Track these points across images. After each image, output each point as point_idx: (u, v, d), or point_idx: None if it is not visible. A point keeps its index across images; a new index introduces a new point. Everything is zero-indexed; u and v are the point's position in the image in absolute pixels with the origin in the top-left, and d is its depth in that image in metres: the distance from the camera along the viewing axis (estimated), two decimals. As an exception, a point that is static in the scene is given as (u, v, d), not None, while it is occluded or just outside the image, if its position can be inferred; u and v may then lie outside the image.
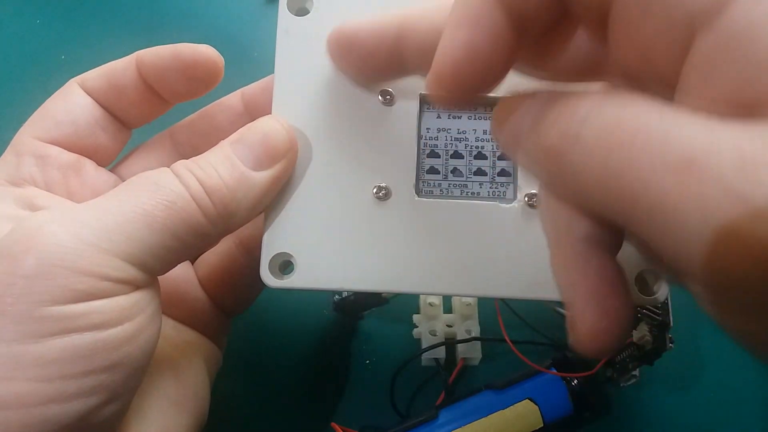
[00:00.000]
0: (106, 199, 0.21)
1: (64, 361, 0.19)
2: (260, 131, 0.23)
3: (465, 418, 0.32)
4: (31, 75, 0.41)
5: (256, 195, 0.23)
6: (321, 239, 0.24)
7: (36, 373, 0.18)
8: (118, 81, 0.26)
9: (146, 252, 0.20)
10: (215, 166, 0.22)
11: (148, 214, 0.20)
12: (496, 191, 0.25)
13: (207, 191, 0.21)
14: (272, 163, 0.23)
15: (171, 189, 0.21)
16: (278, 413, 0.35)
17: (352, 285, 0.24)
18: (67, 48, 0.43)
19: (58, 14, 0.44)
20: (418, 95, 0.25)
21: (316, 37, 0.24)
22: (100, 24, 0.44)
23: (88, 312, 0.19)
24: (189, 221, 0.21)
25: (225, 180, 0.22)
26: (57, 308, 0.19)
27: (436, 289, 0.24)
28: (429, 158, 0.25)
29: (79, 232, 0.19)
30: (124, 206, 0.20)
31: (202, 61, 0.25)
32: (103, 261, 0.19)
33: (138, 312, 0.21)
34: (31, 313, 0.18)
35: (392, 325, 0.37)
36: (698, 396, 0.36)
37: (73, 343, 0.19)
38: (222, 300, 0.29)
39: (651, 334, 0.32)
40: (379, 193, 0.24)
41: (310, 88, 0.24)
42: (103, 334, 0.19)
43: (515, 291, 0.24)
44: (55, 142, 0.26)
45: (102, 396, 0.19)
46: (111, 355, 0.19)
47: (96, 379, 0.19)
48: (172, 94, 0.27)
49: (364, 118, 0.24)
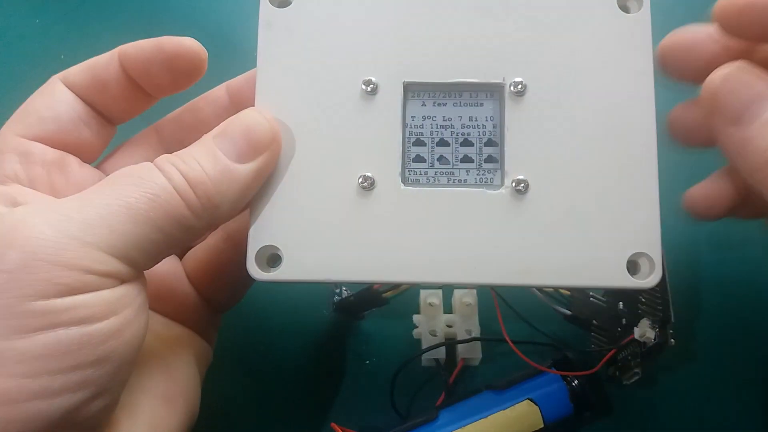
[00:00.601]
0: (89, 193, 0.21)
1: (49, 356, 0.18)
2: (242, 124, 0.23)
3: (465, 419, 0.32)
4: (31, 75, 0.42)
5: (240, 187, 0.23)
6: (307, 231, 0.24)
7: (20, 369, 0.18)
8: (100, 75, 0.26)
9: (130, 245, 0.20)
10: (198, 159, 0.22)
11: (131, 207, 0.20)
12: (483, 178, 0.25)
13: (190, 184, 0.21)
14: (255, 155, 0.23)
15: (154, 182, 0.21)
16: (278, 413, 0.35)
17: (340, 276, 0.24)
18: (66, 48, 0.44)
19: (58, 14, 0.45)
20: (401, 83, 0.25)
21: (299, 28, 0.25)
22: (100, 24, 0.45)
23: (73, 306, 0.19)
24: (173, 214, 0.21)
25: (208, 172, 0.22)
26: (41, 303, 0.18)
27: (424, 277, 0.24)
28: (414, 146, 0.25)
29: (61, 226, 0.19)
30: (107, 199, 0.20)
31: (184, 52, 0.25)
32: (86, 254, 0.19)
33: (124, 306, 0.20)
34: (14, 308, 0.18)
35: (392, 326, 0.37)
36: (699, 392, 0.35)
37: (58, 338, 0.19)
38: (211, 295, 0.29)
39: (653, 331, 0.31)
40: (365, 183, 0.24)
41: (293, 79, 0.25)
42: (89, 328, 0.19)
43: (504, 277, 0.24)
44: (39, 138, 0.25)
45: (88, 391, 0.19)
46: (97, 350, 0.19)
47: (82, 374, 0.19)
48: (156, 87, 0.27)
49: (348, 108, 0.24)
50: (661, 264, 0.23)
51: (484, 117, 0.25)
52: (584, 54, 0.24)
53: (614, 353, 0.34)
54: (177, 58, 0.25)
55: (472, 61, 0.25)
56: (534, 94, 0.24)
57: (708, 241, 0.38)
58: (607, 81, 0.24)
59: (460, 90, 0.25)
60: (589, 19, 0.25)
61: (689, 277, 0.37)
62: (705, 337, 0.36)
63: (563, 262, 0.23)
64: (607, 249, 0.23)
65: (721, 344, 0.36)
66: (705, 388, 0.35)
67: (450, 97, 0.25)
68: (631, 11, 0.25)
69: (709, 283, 0.37)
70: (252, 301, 0.36)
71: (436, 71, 0.25)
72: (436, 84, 0.25)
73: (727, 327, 0.36)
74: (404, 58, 0.25)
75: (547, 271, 0.23)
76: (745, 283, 0.37)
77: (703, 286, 0.37)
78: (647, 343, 0.32)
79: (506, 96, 0.25)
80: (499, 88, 0.25)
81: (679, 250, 0.26)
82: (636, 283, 0.23)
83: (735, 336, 0.36)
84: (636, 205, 0.24)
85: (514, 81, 0.24)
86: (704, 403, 0.35)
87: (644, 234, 0.24)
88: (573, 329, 0.36)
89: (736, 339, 0.36)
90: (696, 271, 0.38)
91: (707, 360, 0.36)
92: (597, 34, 0.25)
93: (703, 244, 0.38)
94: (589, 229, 0.24)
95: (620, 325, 0.34)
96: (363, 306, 0.35)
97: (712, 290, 0.37)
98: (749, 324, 0.36)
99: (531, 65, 0.25)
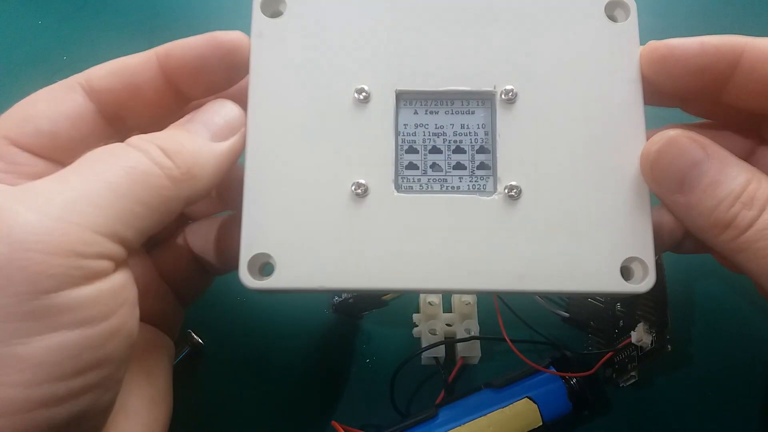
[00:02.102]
0: (65, 173, 0.20)
1: (53, 362, 0.18)
2: (212, 111, 0.24)
3: (464, 417, 0.32)
4: (33, 76, 0.42)
5: (217, 162, 0.23)
6: (301, 238, 0.24)
7: (24, 377, 0.17)
8: (132, 79, 0.24)
9: (116, 221, 0.19)
10: (172, 134, 0.22)
11: (110, 181, 0.19)
12: (476, 184, 0.25)
13: (168, 154, 0.21)
14: (228, 135, 0.24)
15: (130, 156, 0.21)
16: (278, 412, 0.35)
17: (334, 284, 0.24)
18: (69, 49, 0.44)
19: (60, 15, 0.45)
20: (394, 91, 0.25)
21: (291, 37, 0.25)
22: (102, 25, 0.45)
23: (73, 307, 0.18)
24: (154, 186, 0.20)
25: (184, 144, 0.22)
26: (38, 301, 0.17)
27: (417, 285, 0.24)
28: (407, 154, 0.25)
29: (44, 209, 0.18)
30: (85, 177, 0.19)
31: (240, 46, 0.25)
32: (76, 236, 0.18)
33: (120, 305, 0.20)
34: (11, 310, 0.17)
35: (392, 325, 0.37)
36: (696, 395, 0.35)
37: (60, 341, 0.18)
38: (183, 288, 0.29)
39: (649, 335, 0.31)
40: (358, 190, 0.24)
41: (285, 88, 0.25)
42: (90, 331, 0.18)
43: (498, 284, 0.24)
44: (29, 148, 0.23)
45: (92, 395, 0.19)
46: (98, 352, 0.19)
47: (84, 378, 0.18)
48: (206, 86, 0.25)
49: (341, 117, 0.25)
50: (654, 268, 0.23)
51: (475, 124, 0.25)
52: (573, 62, 0.25)
53: (611, 356, 0.34)
54: (234, 52, 0.24)
55: (464, 70, 0.25)
56: (524, 101, 0.25)
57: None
58: (597, 88, 0.24)
59: (452, 98, 0.25)
60: (577, 28, 0.25)
61: (686, 280, 0.37)
62: (701, 340, 0.36)
63: (557, 267, 0.23)
64: (600, 254, 0.23)
65: (718, 347, 0.36)
66: (701, 390, 0.35)
67: (442, 105, 0.25)
68: (619, 20, 0.25)
69: (705, 286, 0.37)
70: (253, 301, 0.37)
71: (428, 79, 0.25)
72: (428, 92, 0.25)
73: (724, 330, 0.36)
74: (396, 66, 0.25)
75: (540, 277, 0.23)
76: (741, 286, 0.37)
77: (699, 290, 0.37)
78: (644, 348, 0.32)
79: (497, 103, 0.25)
80: (490, 96, 0.25)
81: (675, 254, 0.26)
82: (630, 288, 0.23)
83: (731, 339, 0.36)
84: (628, 209, 0.24)
85: (505, 89, 0.24)
86: (700, 406, 0.35)
87: (637, 239, 0.24)
88: (570, 330, 0.36)
89: (733, 342, 0.36)
90: (693, 275, 0.38)
91: (703, 363, 0.36)
92: (586, 42, 0.25)
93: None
94: (582, 234, 0.24)
95: (617, 327, 0.34)
96: (362, 308, 0.36)
97: (709, 294, 0.37)
98: (746, 328, 0.36)
99: (521, 73, 0.25)
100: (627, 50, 0.25)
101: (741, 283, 0.36)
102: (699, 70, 0.23)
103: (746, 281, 0.23)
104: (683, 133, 0.23)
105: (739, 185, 0.22)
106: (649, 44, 0.24)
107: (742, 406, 0.35)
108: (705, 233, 0.23)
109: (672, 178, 0.23)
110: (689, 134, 0.23)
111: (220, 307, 0.37)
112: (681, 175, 0.22)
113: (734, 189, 0.22)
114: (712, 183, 0.22)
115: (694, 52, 0.23)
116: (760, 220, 0.21)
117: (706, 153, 0.22)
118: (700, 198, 0.22)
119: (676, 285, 0.33)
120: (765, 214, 0.21)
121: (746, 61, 0.23)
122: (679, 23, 0.45)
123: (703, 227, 0.22)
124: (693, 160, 0.22)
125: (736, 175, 0.22)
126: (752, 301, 0.22)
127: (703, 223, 0.22)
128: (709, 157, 0.22)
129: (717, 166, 0.22)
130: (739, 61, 0.23)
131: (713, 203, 0.22)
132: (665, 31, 0.26)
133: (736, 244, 0.22)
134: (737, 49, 0.23)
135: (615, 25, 0.25)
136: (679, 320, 0.32)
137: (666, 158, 0.23)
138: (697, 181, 0.22)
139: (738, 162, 0.22)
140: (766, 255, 0.21)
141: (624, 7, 0.25)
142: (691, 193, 0.22)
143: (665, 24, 0.43)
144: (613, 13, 0.25)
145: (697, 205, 0.22)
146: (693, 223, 0.23)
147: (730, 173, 0.22)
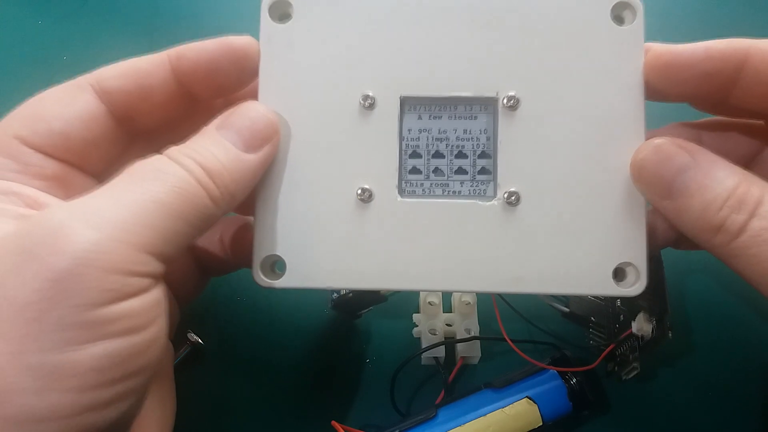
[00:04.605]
0: (114, 190, 0.20)
1: (101, 369, 0.18)
2: (246, 116, 0.24)
3: (464, 417, 0.32)
4: (33, 76, 0.42)
5: (252, 176, 0.23)
6: (310, 241, 0.25)
7: (74, 383, 0.18)
8: (144, 81, 0.24)
9: (162, 240, 0.20)
10: (210, 149, 0.22)
11: (161, 202, 0.20)
12: (476, 189, 0.25)
13: (210, 175, 0.22)
14: (261, 145, 0.24)
15: (177, 175, 0.21)
16: (278, 412, 0.35)
17: (341, 283, 0.25)
18: (69, 49, 0.44)
19: (60, 15, 0.45)
20: (398, 97, 0.25)
21: (298, 43, 0.25)
22: (102, 25, 0.45)
23: (120, 317, 0.19)
24: (198, 205, 0.21)
25: (223, 163, 0.22)
26: (92, 313, 0.18)
27: (419, 285, 0.26)
28: (411, 159, 0.25)
29: (102, 228, 0.19)
30: (136, 196, 0.20)
31: (251, 50, 0.25)
32: (129, 256, 0.19)
33: (158, 314, 0.21)
34: (66, 320, 0.18)
35: (392, 325, 0.37)
36: (698, 385, 0.36)
37: (107, 349, 0.18)
38: (177, 291, 0.29)
39: (650, 324, 0.32)
40: (363, 195, 0.25)
41: (293, 93, 0.25)
42: (134, 339, 0.19)
43: (496, 285, 0.25)
44: (41, 149, 0.23)
45: (132, 400, 0.20)
46: (139, 359, 0.19)
47: (126, 384, 0.19)
48: (218, 89, 0.25)
49: (347, 122, 0.25)
50: (646, 273, 0.24)
51: (478, 130, 0.25)
52: (576, 68, 0.25)
53: (612, 348, 0.34)
54: (246, 56, 0.25)
55: (467, 75, 0.25)
56: (526, 107, 0.25)
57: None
58: (599, 94, 0.25)
59: (455, 103, 0.25)
60: (581, 32, 0.25)
61: (686, 269, 0.38)
62: (703, 330, 0.37)
63: (553, 270, 0.24)
64: (594, 258, 0.24)
65: (719, 337, 0.36)
66: (703, 381, 0.36)
67: (445, 110, 0.26)
68: (626, 22, 0.25)
69: (705, 275, 0.38)
70: (253, 301, 0.37)
71: (432, 85, 0.25)
72: (431, 98, 0.25)
73: (725, 319, 0.37)
74: (401, 72, 0.25)
75: (537, 280, 0.24)
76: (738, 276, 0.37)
77: (699, 279, 0.38)
78: (645, 337, 0.32)
79: (499, 110, 0.25)
80: (493, 101, 0.25)
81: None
82: (622, 291, 0.24)
83: (733, 328, 0.36)
84: (623, 217, 0.24)
85: (508, 95, 0.25)
86: (703, 396, 0.35)
87: (630, 244, 0.24)
88: (571, 326, 0.37)
89: (734, 331, 0.36)
90: (692, 263, 0.38)
91: (705, 353, 0.36)
92: (589, 47, 0.25)
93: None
94: (577, 239, 0.24)
95: (618, 321, 0.34)
96: (361, 304, 0.36)
97: (709, 283, 0.38)
98: (746, 316, 0.37)
99: (524, 79, 0.25)
100: (631, 55, 0.25)
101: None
102: (705, 75, 0.23)
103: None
104: (669, 140, 0.23)
105: (727, 189, 0.22)
106: (652, 50, 0.24)
107: (746, 394, 0.35)
108: (697, 237, 0.23)
109: (660, 185, 0.23)
110: (676, 141, 0.23)
111: (220, 307, 0.37)
112: (668, 181, 0.23)
113: (721, 193, 0.22)
114: (700, 187, 0.22)
115: (699, 58, 0.23)
116: (750, 225, 0.21)
117: (693, 158, 0.22)
118: (689, 202, 0.22)
119: (676, 272, 0.33)
120: (755, 219, 0.21)
121: (751, 64, 0.23)
122: (679, 23, 0.45)
123: (694, 231, 0.23)
124: (679, 166, 0.22)
125: (723, 179, 0.22)
126: (750, 290, 0.22)
127: (694, 227, 0.23)
128: (697, 162, 0.22)
129: (704, 170, 0.22)
130: (744, 64, 0.23)
131: (701, 207, 0.22)
132: (665, 30, 0.26)
133: (730, 249, 0.22)
134: (741, 52, 0.23)
135: (620, 30, 0.25)
136: (679, 310, 0.32)
137: (652, 166, 0.23)
138: (684, 186, 0.22)
139: (727, 166, 0.22)
140: (760, 262, 0.21)
141: (631, 8, 0.25)
142: (680, 198, 0.22)
143: (664, 24, 0.43)
144: (620, 14, 0.25)
145: (687, 210, 0.22)
146: (685, 228, 0.23)
147: (717, 177, 0.22)
